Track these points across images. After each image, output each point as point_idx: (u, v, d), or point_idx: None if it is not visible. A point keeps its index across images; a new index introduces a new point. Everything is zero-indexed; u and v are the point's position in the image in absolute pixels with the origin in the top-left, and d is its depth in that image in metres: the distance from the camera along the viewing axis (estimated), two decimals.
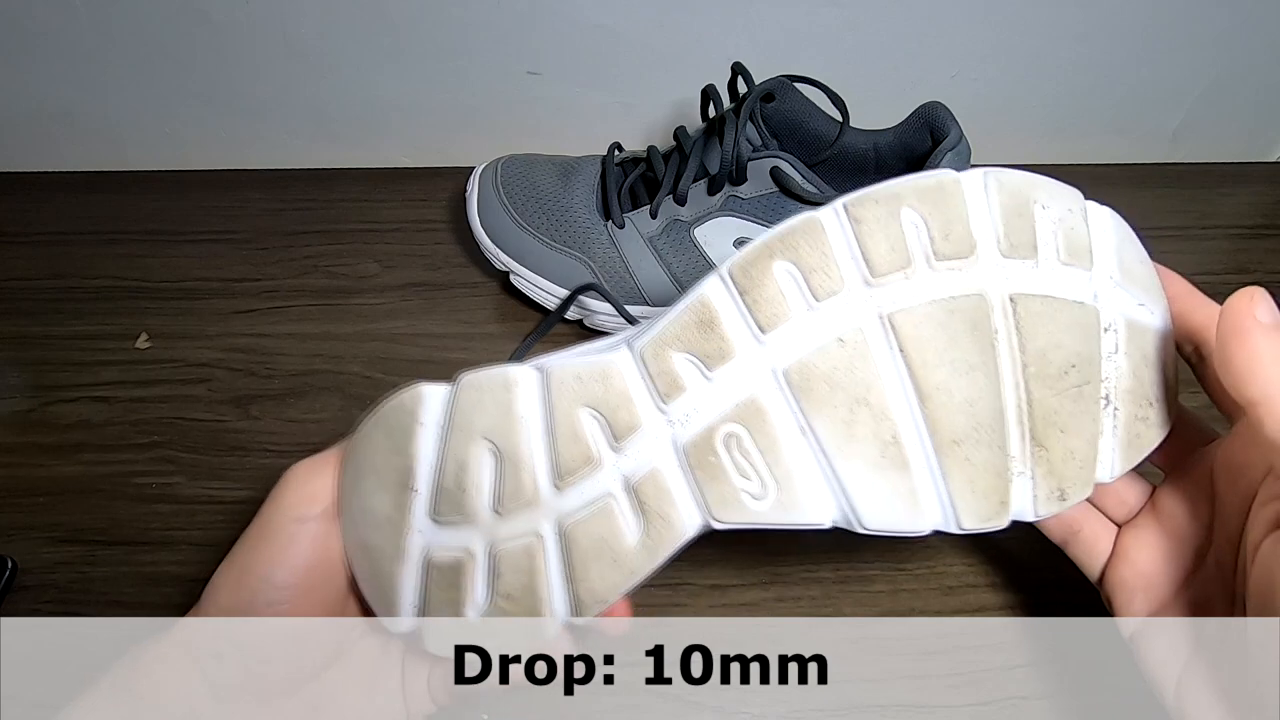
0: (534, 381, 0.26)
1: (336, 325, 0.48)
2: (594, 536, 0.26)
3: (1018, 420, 0.26)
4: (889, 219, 0.25)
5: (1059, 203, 0.26)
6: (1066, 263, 0.26)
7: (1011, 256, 0.26)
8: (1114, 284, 0.27)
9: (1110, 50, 0.51)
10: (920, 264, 0.25)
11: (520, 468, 0.26)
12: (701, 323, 0.26)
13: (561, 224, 0.45)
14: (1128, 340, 0.27)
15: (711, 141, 0.43)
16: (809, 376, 0.25)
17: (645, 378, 0.26)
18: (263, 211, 0.54)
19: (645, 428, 0.26)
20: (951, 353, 0.25)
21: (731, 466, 0.26)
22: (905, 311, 0.25)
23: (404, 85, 0.52)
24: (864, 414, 0.25)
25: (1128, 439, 0.27)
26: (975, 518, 0.25)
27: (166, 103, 0.53)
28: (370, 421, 0.27)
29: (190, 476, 0.42)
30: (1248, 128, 0.57)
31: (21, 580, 0.38)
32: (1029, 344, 0.25)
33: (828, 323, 0.25)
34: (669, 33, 0.49)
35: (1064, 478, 0.26)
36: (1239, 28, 0.50)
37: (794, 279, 0.26)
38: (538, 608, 0.26)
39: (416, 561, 0.27)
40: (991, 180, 0.26)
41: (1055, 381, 0.26)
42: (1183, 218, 0.53)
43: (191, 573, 0.39)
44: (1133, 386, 0.27)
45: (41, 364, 0.46)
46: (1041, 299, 0.26)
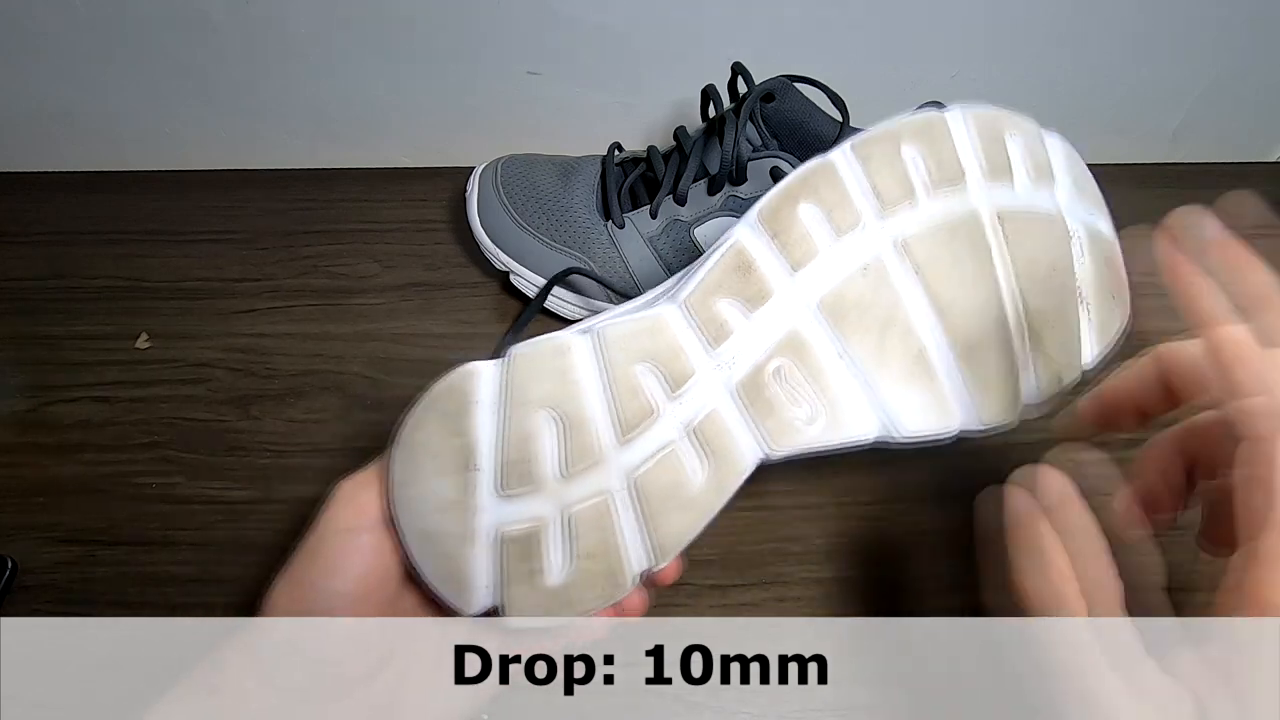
0: (586, 345, 0.28)
1: (336, 325, 0.48)
2: (663, 484, 0.27)
3: (1017, 321, 0.29)
4: (893, 155, 0.28)
5: (1022, 131, 0.30)
6: (1035, 182, 0.30)
7: (993, 180, 0.29)
8: (1070, 199, 0.30)
9: (1110, 50, 0.51)
10: (921, 193, 0.28)
11: (584, 429, 0.27)
12: (740, 268, 0.28)
13: (561, 224, 0.45)
14: (1089, 245, 0.30)
15: (711, 141, 0.43)
16: (841, 304, 0.28)
17: (694, 326, 0.28)
18: (263, 211, 0.54)
19: (699, 374, 0.28)
20: (959, 269, 0.28)
21: (783, 397, 0.28)
22: (916, 236, 0.28)
23: (404, 85, 0.52)
24: (893, 333, 0.28)
25: (1100, 327, 0.30)
26: (994, 413, 0.29)
27: (166, 103, 0.53)
28: (420, 407, 0.28)
29: (190, 476, 0.42)
30: (1248, 128, 0.57)
31: (21, 580, 0.38)
32: (1018, 254, 0.28)
33: (851, 254, 0.28)
34: (669, 33, 0.49)
35: (1059, 365, 0.29)
36: (1239, 28, 0.50)
37: (817, 218, 0.28)
38: (618, 562, 0.27)
39: (488, 540, 0.27)
40: (969, 116, 0.29)
41: (1043, 284, 0.29)
42: None
43: (191, 573, 0.39)
44: (1097, 284, 0.30)
45: (41, 364, 0.46)
46: (1023, 214, 0.29)
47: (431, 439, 0.27)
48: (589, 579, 0.27)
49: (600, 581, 0.27)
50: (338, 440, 0.43)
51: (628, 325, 0.28)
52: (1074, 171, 0.31)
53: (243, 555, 0.39)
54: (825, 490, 0.41)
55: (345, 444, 0.43)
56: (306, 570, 0.28)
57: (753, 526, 0.40)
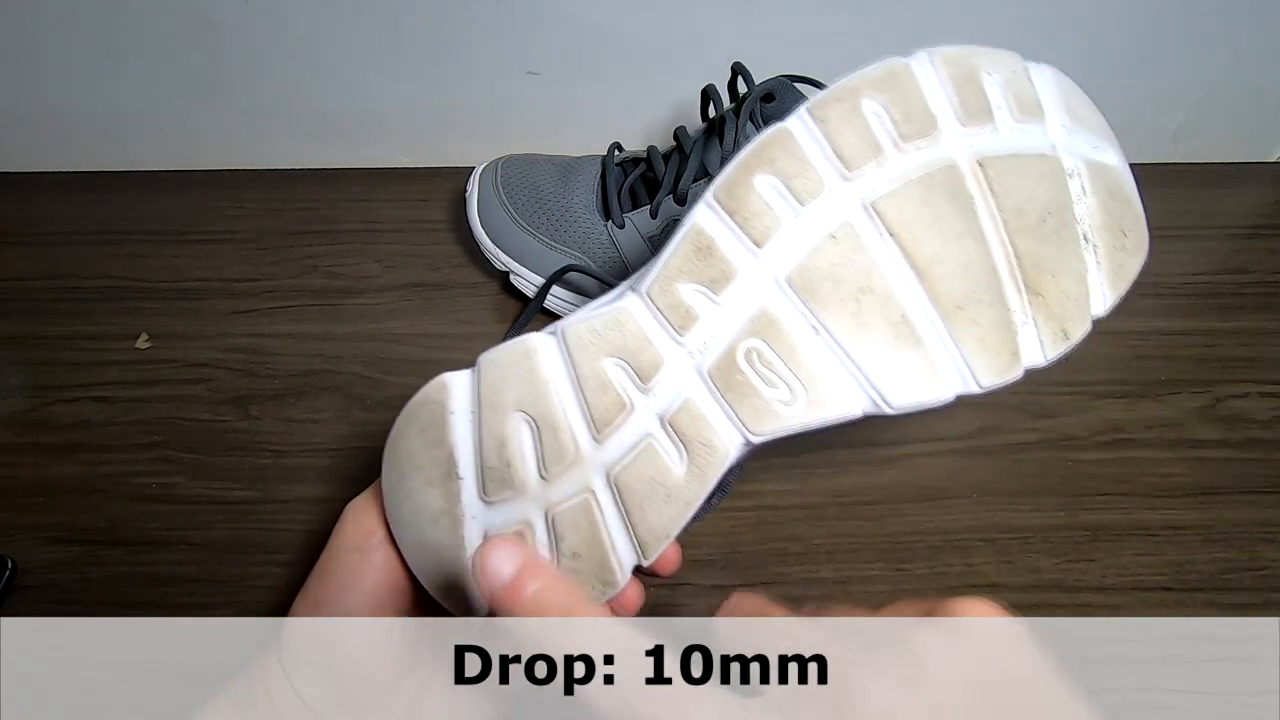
0: (552, 345, 0.27)
1: (336, 325, 0.48)
2: (643, 478, 0.27)
3: (1010, 274, 0.27)
4: (851, 113, 0.27)
5: (1001, 67, 0.28)
6: (1020, 120, 0.27)
7: (970, 124, 0.27)
8: (1067, 132, 0.28)
9: (1110, 50, 0.51)
10: (890, 149, 0.27)
11: (558, 430, 0.27)
12: (699, 251, 0.27)
13: (561, 224, 0.44)
14: (1091, 180, 0.28)
15: (711, 141, 0.43)
16: (811, 277, 0.26)
17: (658, 315, 0.27)
18: (263, 211, 0.54)
19: (668, 363, 0.27)
20: (937, 225, 0.26)
21: (757, 379, 0.27)
22: (886, 196, 0.26)
23: (405, 85, 0.52)
24: (869, 301, 0.26)
25: (1112, 270, 0.28)
26: (992, 374, 0.26)
27: (167, 103, 0.53)
28: (401, 421, 0.28)
29: (190, 476, 0.42)
30: (1248, 128, 0.57)
31: (21, 580, 0.38)
32: (1005, 201, 0.27)
33: (817, 223, 0.27)
34: (669, 33, 0.49)
35: (1064, 317, 0.27)
36: (1239, 28, 0.50)
37: (776, 189, 0.27)
38: (605, 559, 0.27)
39: (478, 547, 0.27)
40: (936, 58, 0.27)
41: (1036, 231, 0.27)
42: (1183, 218, 0.53)
43: (191, 573, 0.39)
44: (1105, 221, 0.28)
45: (41, 364, 0.46)
46: (1007, 158, 0.27)
47: (414, 452, 0.28)
48: (579, 579, 0.27)
49: (591, 580, 0.27)
50: (337, 440, 0.43)
51: (591, 321, 0.27)
52: (1069, 103, 0.29)
53: (243, 555, 0.39)
54: (825, 490, 0.41)
55: (345, 444, 0.43)
56: (321, 589, 0.28)
57: (753, 526, 0.40)
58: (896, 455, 0.42)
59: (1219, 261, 0.51)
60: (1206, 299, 0.49)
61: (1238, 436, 0.43)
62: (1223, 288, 0.49)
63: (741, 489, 0.41)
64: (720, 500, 0.36)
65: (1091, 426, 0.43)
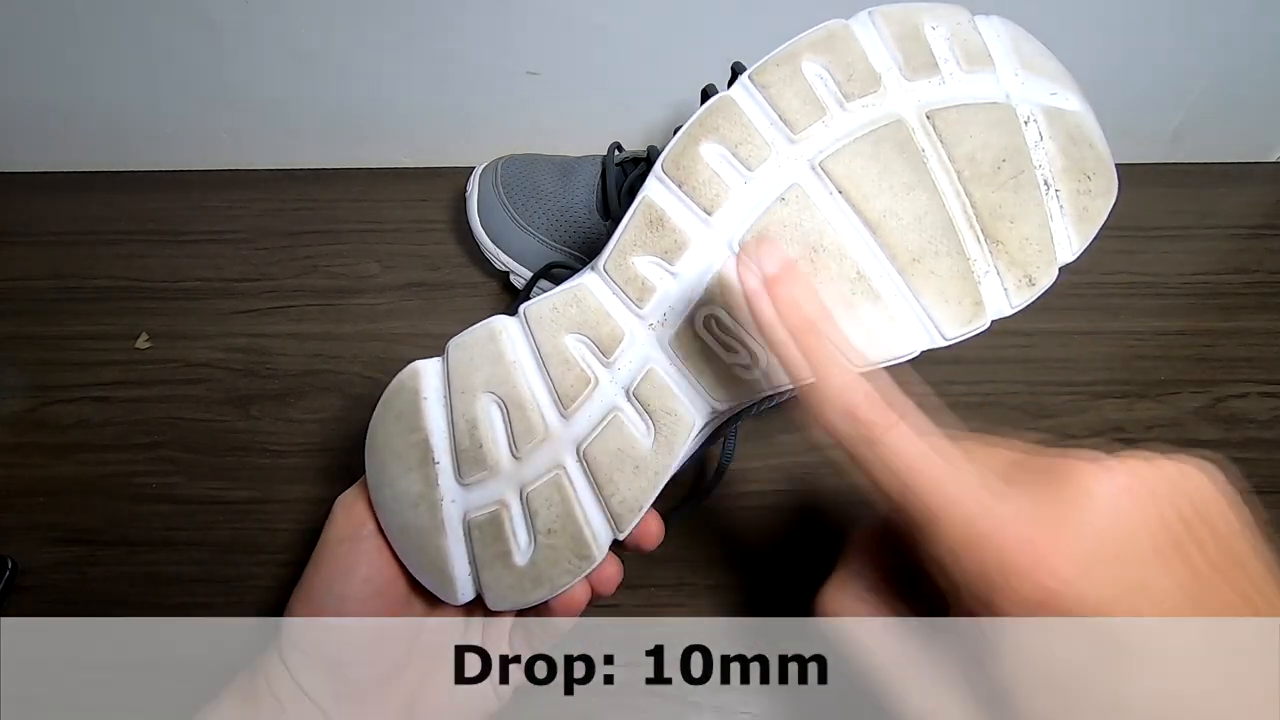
0: (515, 325, 0.28)
1: (336, 325, 0.48)
2: (611, 450, 0.27)
3: (968, 224, 0.27)
4: (793, 76, 0.27)
5: (946, 20, 0.28)
6: (969, 71, 0.27)
7: (915, 79, 0.27)
8: (1020, 81, 0.28)
9: (1110, 50, 0.51)
10: (834, 109, 0.27)
11: (526, 408, 0.27)
12: (651, 223, 0.27)
13: (561, 224, 0.45)
14: (1049, 126, 0.28)
15: None
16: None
17: (615, 289, 0.27)
18: (263, 211, 0.54)
19: (629, 335, 0.27)
20: (888, 179, 0.26)
21: (717, 345, 0.27)
22: (833, 155, 0.26)
23: (404, 85, 0.52)
24: (824, 259, 0.26)
25: (1077, 214, 0.27)
26: (956, 324, 0.26)
27: (167, 103, 0.53)
28: (379, 410, 0.28)
29: (190, 476, 0.42)
30: (1248, 128, 0.57)
31: (21, 580, 0.38)
32: (955, 151, 0.27)
33: (765, 187, 0.27)
34: (669, 33, 0.49)
35: (1027, 264, 0.27)
36: (1239, 28, 0.50)
37: (723, 157, 0.27)
38: (580, 534, 0.27)
39: (458, 528, 0.28)
40: (877, 16, 0.27)
41: (991, 179, 0.27)
42: (1183, 218, 0.53)
43: (191, 573, 0.39)
44: (1066, 165, 0.27)
45: (41, 364, 0.46)
46: (956, 108, 0.27)
47: (392, 439, 0.28)
48: (555, 554, 0.27)
49: (567, 555, 0.27)
50: (337, 440, 0.43)
51: (552, 299, 0.28)
52: (1021, 51, 0.29)
53: (243, 555, 0.39)
54: (825, 490, 0.41)
55: (345, 444, 0.43)
56: (315, 581, 0.29)
57: (753, 526, 0.40)
58: None
59: (1219, 261, 0.51)
60: (1206, 299, 0.49)
61: (1238, 436, 0.43)
62: (1223, 288, 0.49)
63: (741, 489, 0.41)
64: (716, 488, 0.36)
65: (1091, 426, 0.43)
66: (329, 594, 0.28)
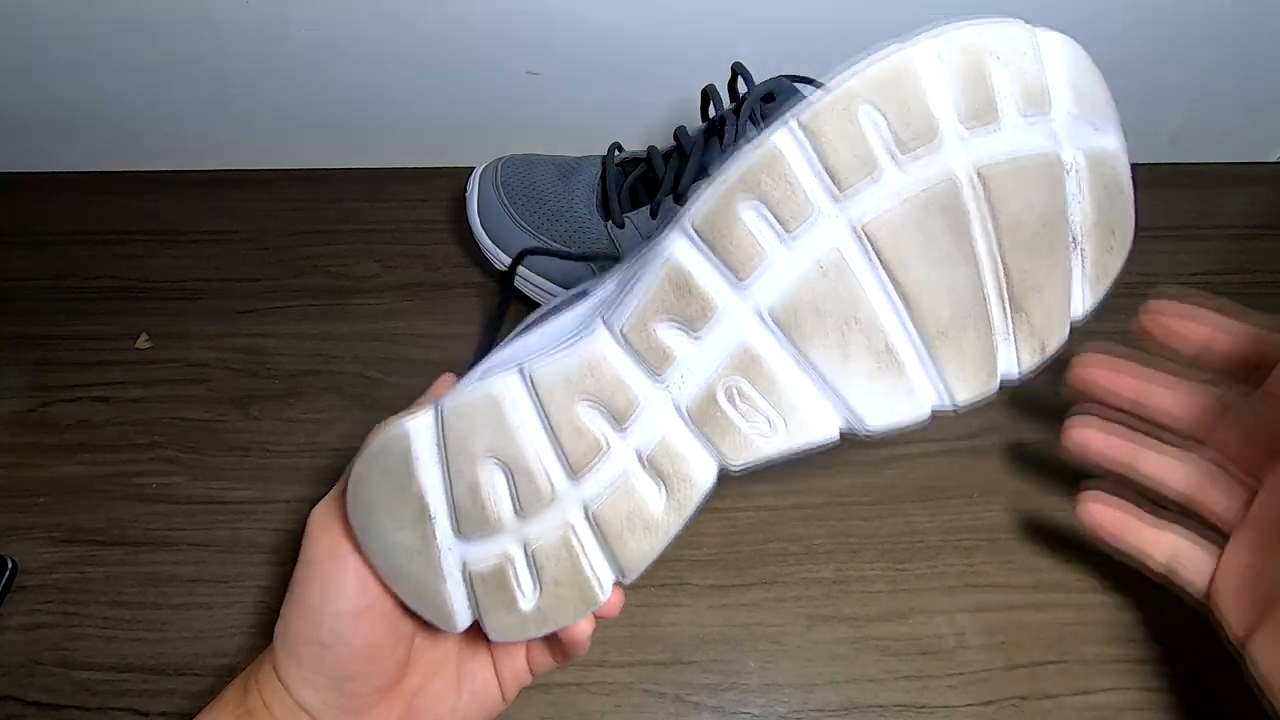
0: (520, 390, 0.26)
1: (336, 325, 0.48)
2: (622, 512, 0.27)
3: (998, 294, 0.26)
4: (847, 124, 0.24)
5: (1011, 48, 0.25)
6: (1026, 114, 0.25)
7: (974, 126, 0.25)
8: (1072, 118, 0.26)
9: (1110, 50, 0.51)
10: (886, 163, 0.24)
11: (532, 475, 0.26)
12: (677, 287, 0.25)
13: (561, 224, 0.44)
14: (1089, 175, 0.26)
15: (711, 141, 0.43)
16: (796, 311, 0.25)
17: (633, 357, 0.26)
18: (263, 211, 0.54)
19: (644, 403, 0.26)
20: (929, 247, 0.25)
21: (737, 416, 0.26)
22: (877, 219, 0.25)
23: (404, 85, 0.52)
24: (855, 332, 0.25)
25: (1095, 274, 0.27)
26: (968, 392, 0.26)
27: (167, 103, 0.53)
28: (361, 466, 0.27)
29: (190, 476, 0.42)
30: (1248, 128, 0.57)
31: (21, 580, 0.38)
32: (1001, 215, 0.25)
33: (805, 252, 0.25)
34: (669, 33, 0.49)
35: (1045, 333, 0.26)
36: (1239, 28, 0.50)
37: (762, 217, 0.25)
38: (587, 584, 0.27)
39: (458, 576, 0.27)
40: (944, 47, 0.25)
41: (1028, 245, 0.26)
42: (1183, 218, 0.53)
43: (191, 573, 0.39)
44: (1097, 220, 0.27)
45: (41, 364, 0.46)
46: (1008, 164, 0.25)
47: (383, 495, 0.27)
48: (561, 601, 0.27)
49: (574, 599, 0.27)
50: (337, 440, 0.43)
51: (562, 364, 0.26)
52: (1075, 79, 0.26)
53: (243, 555, 0.39)
54: (825, 490, 0.41)
55: (345, 444, 0.43)
56: (304, 593, 0.28)
57: (753, 526, 0.40)
58: (896, 455, 0.42)
59: (1219, 261, 0.51)
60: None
61: None
62: (1223, 288, 0.49)
63: (742, 489, 0.41)
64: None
65: None
66: (325, 612, 0.28)
